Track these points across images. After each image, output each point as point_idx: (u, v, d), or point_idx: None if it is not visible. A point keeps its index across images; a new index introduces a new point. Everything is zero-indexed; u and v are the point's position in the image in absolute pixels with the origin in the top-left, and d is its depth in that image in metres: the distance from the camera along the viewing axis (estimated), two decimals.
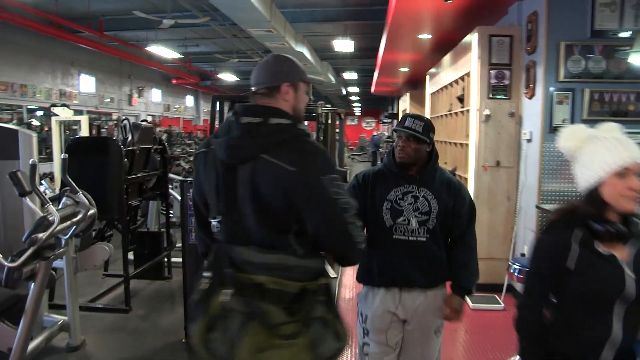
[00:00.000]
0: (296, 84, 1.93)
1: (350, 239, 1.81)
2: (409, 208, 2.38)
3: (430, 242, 2.38)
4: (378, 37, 10.00)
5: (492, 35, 5.14)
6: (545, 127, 4.58)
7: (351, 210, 1.81)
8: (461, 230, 2.46)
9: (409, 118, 2.40)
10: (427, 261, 2.39)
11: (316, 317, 1.78)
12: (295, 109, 1.95)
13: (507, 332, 4.48)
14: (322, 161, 1.81)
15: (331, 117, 5.87)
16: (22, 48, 13.34)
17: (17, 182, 2.94)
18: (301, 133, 1.86)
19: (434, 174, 2.45)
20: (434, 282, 2.43)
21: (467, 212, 2.46)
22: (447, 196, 2.41)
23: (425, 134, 2.37)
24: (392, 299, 2.42)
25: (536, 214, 4.62)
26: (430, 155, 2.45)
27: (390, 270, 2.40)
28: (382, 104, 31.03)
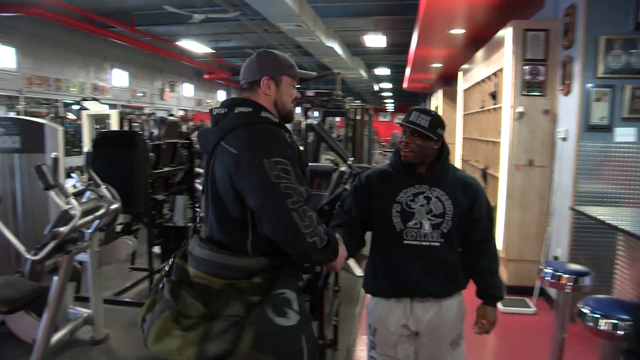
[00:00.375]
0: (278, 78, 1.96)
1: (294, 228, 1.72)
2: (421, 210, 2.18)
3: (445, 247, 2.19)
4: (410, 33, 9.85)
5: (526, 29, 4.96)
6: (581, 126, 4.39)
7: (296, 197, 1.73)
8: (483, 234, 2.29)
9: (414, 112, 2.20)
10: (441, 268, 2.20)
11: (226, 315, 1.75)
12: (278, 102, 1.96)
13: (538, 337, 4.39)
14: (269, 144, 1.78)
15: (360, 113, 5.78)
16: (56, 43, 13.59)
17: (42, 175, 2.97)
18: (259, 120, 1.85)
19: (446, 173, 2.25)
20: (449, 290, 2.24)
21: (487, 213, 2.30)
22: (462, 196, 2.22)
23: (432, 130, 2.16)
24: (403, 310, 2.23)
25: (570, 216, 4.45)
26: (440, 153, 2.25)
27: (400, 279, 2.21)
28: (415, 100, 30.71)
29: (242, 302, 1.77)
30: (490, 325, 2.30)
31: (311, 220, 1.75)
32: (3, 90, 12.35)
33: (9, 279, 3.26)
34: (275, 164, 1.73)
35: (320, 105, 5.35)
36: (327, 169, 3.96)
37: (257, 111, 1.87)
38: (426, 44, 8.77)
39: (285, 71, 1.97)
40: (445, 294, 2.22)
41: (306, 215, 1.73)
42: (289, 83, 1.98)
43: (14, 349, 3.63)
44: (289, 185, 1.72)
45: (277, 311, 1.78)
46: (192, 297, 1.81)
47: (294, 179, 1.75)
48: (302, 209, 1.73)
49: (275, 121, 1.88)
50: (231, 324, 1.74)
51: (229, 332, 1.73)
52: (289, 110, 2.01)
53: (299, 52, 16.03)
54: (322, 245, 1.77)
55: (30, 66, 13.02)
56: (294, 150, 1.85)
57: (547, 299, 4.90)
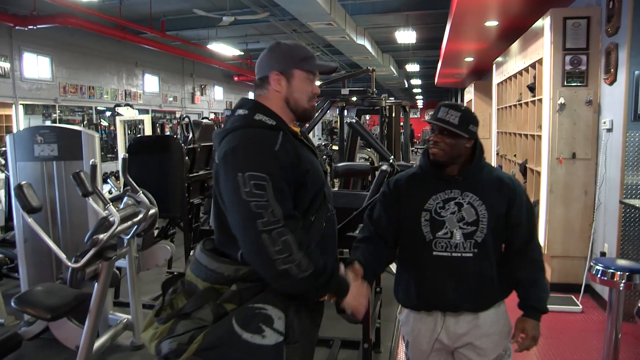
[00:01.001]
0: (289, 72, 1.77)
1: (262, 252, 1.56)
2: (451, 218, 1.96)
3: (479, 258, 1.96)
4: (441, 27, 9.71)
5: (566, 17, 4.79)
6: (628, 115, 4.20)
7: (268, 217, 1.55)
8: (523, 239, 2.02)
9: (443, 107, 1.99)
10: (474, 281, 1.97)
11: (196, 317, 1.67)
12: (290, 100, 1.78)
13: (586, 336, 4.22)
14: (245, 156, 1.61)
15: (395, 111, 5.69)
16: (89, 51, 13.86)
17: (80, 182, 2.97)
18: (250, 124, 1.69)
19: (479, 174, 2.02)
20: (484, 304, 2.01)
21: (527, 216, 2.03)
22: (498, 200, 1.98)
23: (463, 127, 1.95)
24: (435, 324, 2.03)
25: (619, 210, 4.28)
26: (473, 151, 2.03)
27: (430, 293, 2.01)
28: (445, 95, 30.41)
29: (214, 308, 1.67)
30: (531, 341, 2.01)
31: (286, 244, 1.55)
32: (40, 100, 12.65)
33: (51, 286, 3.27)
34: (248, 179, 1.57)
35: (355, 103, 5.28)
36: (364, 167, 3.88)
37: (252, 113, 1.72)
38: (459, 38, 8.61)
39: (298, 65, 1.77)
40: (480, 307, 2.00)
41: (280, 239, 1.55)
42: (304, 78, 1.79)
43: (58, 355, 3.66)
44: (261, 204, 1.56)
45: (248, 325, 1.62)
46: (182, 293, 1.78)
47: (270, 196, 1.57)
48: (276, 232, 1.55)
49: (269, 124, 1.70)
50: (196, 326, 1.65)
51: (188, 334, 1.64)
52: (305, 108, 1.82)
53: (329, 51, 16.00)
54: (303, 274, 1.57)
55: (65, 75, 13.31)
56: (287, 158, 1.65)
57: (594, 296, 4.73)
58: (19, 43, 11.80)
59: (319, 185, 1.76)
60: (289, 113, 1.80)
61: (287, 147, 1.66)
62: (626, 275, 3.07)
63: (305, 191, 1.71)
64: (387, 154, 3.08)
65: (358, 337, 3.42)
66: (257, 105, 1.75)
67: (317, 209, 1.76)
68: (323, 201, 1.79)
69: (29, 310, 2.98)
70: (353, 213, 2.59)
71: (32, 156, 3.88)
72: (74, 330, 3.39)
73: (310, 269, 1.59)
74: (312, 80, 1.81)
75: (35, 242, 3.83)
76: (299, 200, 1.69)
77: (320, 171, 1.80)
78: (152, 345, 1.70)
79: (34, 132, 3.91)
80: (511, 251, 2.04)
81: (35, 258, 3.97)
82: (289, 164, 1.65)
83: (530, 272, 2.03)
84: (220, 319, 1.65)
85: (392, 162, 2.86)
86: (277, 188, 1.59)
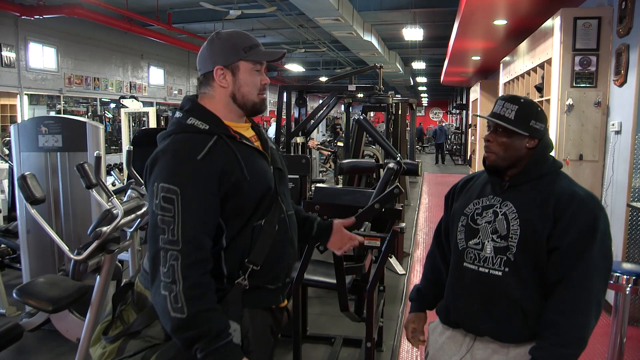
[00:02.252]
0: (235, 65, 1.63)
1: (155, 269, 1.46)
2: (485, 228, 1.70)
3: (509, 279, 1.65)
4: (448, 25, 9.66)
5: (577, 17, 4.75)
6: (638, 118, 4.14)
7: (168, 235, 1.45)
8: (560, 273, 1.61)
9: (500, 101, 1.72)
10: (501, 304, 1.67)
11: (147, 335, 1.58)
12: (237, 95, 1.65)
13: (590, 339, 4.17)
14: (163, 166, 1.51)
15: (401, 108, 5.65)
16: (95, 42, 13.86)
17: (84, 174, 2.96)
18: (181, 129, 1.58)
19: (532, 182, 1.70)
20: (511, 335, 1.68)
21: (575, 244, 1.59)
22: (540, 216, 1.63)
23: (520, 123, 1.66)
24: (460, 345, 1.79)
25: (626, 213, 4.24)
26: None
27: (454, 307, 1.79)
28: (450, 94, 30.38)
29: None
30: None
31: (172, 270, 1.43)
32: (45, 90, 12.65)
33: (53, 278, 3.26)
34: (160, 191, 1.47)
35: (362, 100, 5.25)
36: (369, 164, 3.86)
37: (185, 117, 1.60)
38: (466, 36, 8.58)
39: (242, 56, 1.62)
40: (507, 338, 1.69)
41: (170, 262, 1.43)
42: (250, 69, 1.64)
43: (59, 347, 3.65)
44: (166, 219, 1.45)
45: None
46: (131, 305, 1.67)
47: (177, 212, 1.46)
48: (171, 253, 1.44)
49: (202, 129, 1.57)
50: (147, 345, 1.56)
51: (139, 355, 1.55)
52: (254, 102, 1.68)
53: (335, 47, 15.96)
54: (174, 314, 1.42)
55: (70, 66, 13.31)
56: (214, 166, 1.53)
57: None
58: (24, 33, 11.80)
59: (263, 190, 1.63)
60: (237, 110, 1.68)
61: (216, 154, 1.55)
62: (632, 279, 3.04)
63: (245, 198, 1.58)
64: (394, 151, 3.05)
65: (360, 335, 3.41)
66: (193, 108, 1.63)
67: (267, 212, 1.65)
68: (275, 203, 1.68)
69: (30, 301, 2.97)
70: (359, 211, 2.56)
71: (36, 147, 3.87)
72: (75, 322, 3.38)
73: (184, 313, 1.42)
74: (259, 70, 1.67)
75: (38, 234, 3.82)
76: (238, 207, 1.58)
77: (265, 174, 1.66)
78: None
79: (39, 122, 3.90)
80: (550, 284, 1.64)
81: (38, 249, 3.96)
82: (219, 171, 1.53)
83: (553, 313, 1.61)
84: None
85: (399, 160, 2.83)
86: (188, 203, 1.48)
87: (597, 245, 1.59)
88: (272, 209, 1.66)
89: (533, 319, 1.65)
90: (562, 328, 1.58)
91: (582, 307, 1.59)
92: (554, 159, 1.76)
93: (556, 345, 1.57)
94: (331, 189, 3.35)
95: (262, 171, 1.65)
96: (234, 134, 1.62)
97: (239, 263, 1.60)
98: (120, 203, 2.94)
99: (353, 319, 3.06)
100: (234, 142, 1.61)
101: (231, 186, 1.55)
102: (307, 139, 4.93)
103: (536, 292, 1.65)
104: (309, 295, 3.91)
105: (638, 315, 4.11)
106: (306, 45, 15.52)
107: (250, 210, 1.60)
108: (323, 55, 18.36)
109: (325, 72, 21.50)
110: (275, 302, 1.72)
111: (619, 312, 3.17)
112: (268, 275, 1.66)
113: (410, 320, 1.96)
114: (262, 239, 1.62)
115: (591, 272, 1.59)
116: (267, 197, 1.64)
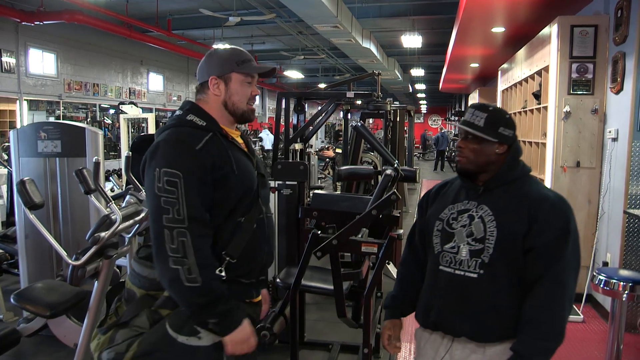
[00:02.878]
0: (227, 76, 1.82)
1: (161, 247, 1.60)
2: (461, 232, 1.76)
3: (484, 281, 1.70)
4: (447, 32, 9.71)
5: (574, 25, 4.77)
6: (635, 125, 4.17)
7: (173, 214, 1.60)
8: (537, 272, 1.68)
9: (470, 109, 1.80)
10: (477, 306, 1.72)
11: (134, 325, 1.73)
12: (228, 103, 1.83)
13: (586, 346, 4.20)
14: (165, 152, 1.66)
15: (399, 115, 5.67)
16: (95, 48, 13.90)
17: (83, 179, 2.97)
18: (181, 123, 1.76)
19: (505, 186, 1.78)
20: (487, 335, 1.73)
21: (550, 244, 1.68)
22: (516, 219, 1.70)
23: (489, 130, 1.74)
24: (438, 346, 1.84)
25: (623, 220, 4.25)
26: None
27: (432, 310, 1.83)
28: (449, 101, 30.42)
29: (150, 315, 1.73)
30: None
31: (182, 245, 1.59)
32: (45, 96, 12.67)
33: (51, 283, 3.27)
34: (163, 175, 1.62)
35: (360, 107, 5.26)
36: (367, 171, 3.87)
37: (185, 114, 1.79)
38: (465, 44, 8.61)
39: (235, 68, 1.82)
40: (483, 338, 1.74)
41: (178, 239, 1.59)
42: (241, 80, 1.83)
43: (57, 352, 3.65)
44: (169, 200, 1.60)
45: (182, 329, 1.68)
46: (123, 300, 1.84)
47: (181, 194, 1.61)
48: (177, 230, 1.59)
49: (199, 124, 1.75)
50: (134, 334, 1.71)
51: (125, 342, 1.70)
52: (244, 110, 1.86)
53: (334, 54, 16.00)
54: (189, 284, 1.58)
55: (70, 72, 13.34)
56: (209, 157, 1.69)
57: (596, 306, 4.70)
58: (25, 39, 11.83)
59: (247, 187, 1.80)
60: (228, 116, 1.85)
61: (211, 147, 1.71)
62: (629, 286, 3.05)
63: (231, 191, 1.74)
64: (391, 158, 3.06)
65: (358, 341, 3.40)
66: (192, 107, 1.81)
67: (247, 210, 1.80)
68: (255, 203, 1.84)
69: (28, 306, 2.97)
70: (356, 217, 2.57)
71: (36, 152, 3.88)
72: (73, 327, 3.38)
73: (198, 282, 1.59)
74: (250, 82, 1.85)
75: (37, 239, 3.83)
76: (223, 199, 1.73)
77: (251, 174, 1.84)
78: (96, 356, 1.75)
79: (38, 128, 3.91)
80: (527, 284, 1.71)
81: (36, 254, 3.97)
82: (211, 163, 1.69)
83: (532, 310, 1.67)
84: (154, 325, 1.72)
85: (397, 167, 2.84)
86: (190, 186, 1.63)
87: (570, 244, 1.69)
88: (252, 209, 1.82)
89: (507, 318, 1.71)
90: (542, 323, 1.65)
91: (559, 303, 1.67)
92: (523, 163, 1.85)
93: (538, 339, 1.64)
94: (329, 196, 3.35)
95: (248, 171, 1.83)
96: (226, 133, 1.81)
97: (217, 254, 1.72)
98: (118, 209, 2.94)
99: (350, 325, 3.06)
100: (226, 140, 1.79)
101: (222, 177, 1.71)
102: (306, 145, 4.94)
103: (509, 293, 1.72)
104: (307, 302, 3.90)
105: (635, 321, 4.11)
106: (305, 52, 15.56)
107: (233, 203, 1.76)
108: (322, 62, 18.40)
109: (325, 78, 21.55)
110: (248, 296, 1.86)
111: (616, 319, 3.19)
112: (242, 269, 1.79)
113: (386, 327, 1.99)
114: (240, 235, 1.77)
115: (565, 269, 1.68)
116: (249, 195, 1.81)
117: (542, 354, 1.65)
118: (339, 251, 2.63)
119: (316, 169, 10.97)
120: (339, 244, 2.58)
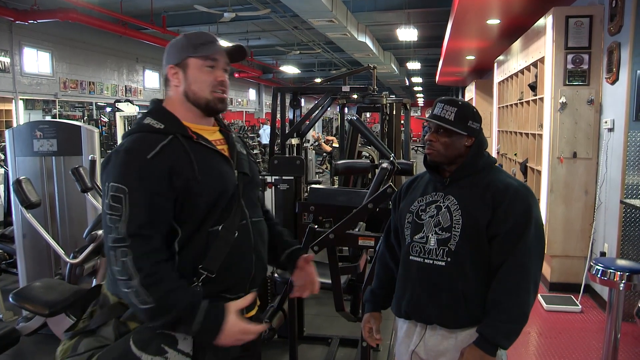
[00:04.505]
0: (184, 63, 1.61)
1: (109, 270, 1.51)
2: (429, 222, 1.82)
3: (451, 268, 1.76)
4: (442, 25, 9.69)
5: (569, 16, 4.77)
6: (630, 115, 4.18)
7: (114, 233, 1.45)
8: (501, 257, 1.75)
9: (439, 103, 1.85)
10: (445, 292, 1.78)
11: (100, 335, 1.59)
12: (189, 93, 1.62)
13: (585, 336, 4.22)
14: (114, 165, 1.51)
15: (396, 108, 5.67)
16: (90, 47, 13.86)
17: (79, 178, 2.98)
18: (136, 129, 1.60)
19: (470, 176, 1.84)
20: (457, 321, 1.79)
21: (513, 230, 1.74)
22: (480, 207, 1.76)
23: (459, 124, 1.80)
24: (412, 335, 1.89)
25: (620, 210, 4.26)
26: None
27: (404, 300, 1.87)
28: (446, 94, 30.42)
29: (117, 326, 1.58)
30: None
31: (124, 267, 1.44)
32: (41, 95, 12.64)
33: (50, 281, 3.26)
34: (109, 190, 1.48)
35: (356, 100, 5.26)
36: (364, 165, 3.87)
37: (143, 117, 1.62)
38: (460, 36, 8.60)
39: (191, 53, 1.60)
40: (453, 324, 1.79)
41: (120, 259, 1.44)
42: (200, 65, 1.61)
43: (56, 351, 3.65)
44: (114, 218, 1.46)
45: (147, 347, 1.51)
46: (98, 305, 1.68)
47: (125, 210, 1.46)
48: (120, 250, 1.44)
49: (156, 128, 1.57)
50: (98, 345, 1.57)
51: (87, 353, 1.56)
52: (207, 99, 1.63)
53: (330, 48, 15.98)
54: (144, 306, 1.44)
55: (65, 70, 13.30)
56: (164, 165, 1.52)
57: (594, 296, 4.72)
58: (19, 38, 11.79)
59: (219, 191, 1.60)
60: (193, 109, 1.64)
61: (169, 153, 1.53)
62: (626, 276, 3.05)
63: (197, 197, 1.55)
64: (387, 151, 3.07)
65: (357, 335, 3.41)
66: (153, 109, 1.64)
67: (224, 217, 1.60)
68: (235, 208, 1.63)
69: (27, 305, 2.97)
70: (353, 211, 2.57)
71: (32, 151, 3.88)
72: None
73: (150, 302, 1.43)
74: (212, 67, 1.62)
75: (34, 238, 3.83)
76: (190, 207, 1.56)
77: (223, 176, 1.63)
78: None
79: (34, 127, 3.91)
80: (493, 270, 1.77)
81: (34, 253, 3.97)
82: (168, 170, 1.51)
83: (497, 293, 1.74)
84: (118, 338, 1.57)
85: (393, 160, 2.84)
86: (135, 201, 1.47)
87: (532, 230, 1.75)
88: (231, 214, 1.62)
89: (475, 304, 1.76)
90: (507, 306, 1.71)
91: (524, 286, 1.73)
92: (488, 154, 1.91)
93: (503, 321, 1.70)
94: (326, 190, 3.36)
95: (219, 174, 1.63)
96: (191, 134, 1.60)
97: (192, 269, 1.56)
98: None
99: (349, 318, 3.07)
100: (190, 142, 1.59)
101: (183, 185, 1.53)
102: (303, 140, 4.95)
103: (476, 280, 1.78)
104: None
105: (632, 311, 4.13)
106: (301, 46, 15.54)
107: (203, 213, 1.57)
108: (318, 57, 18.37)
109: (321, 73, 21.52)
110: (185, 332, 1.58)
111: (614, 308, 3.20)
112: (224, 283, 1.61)
113: (366, 320, 2.04)
114: (217, 246, 1.58)
115: (528, 254, 1.74)
116: (222, 201, 1.61)
117: (505, 336, 1.71)
118: (336, 245, 2.64)
119: (314, 163, 10.97)
120: (336, 238, 2.59)
